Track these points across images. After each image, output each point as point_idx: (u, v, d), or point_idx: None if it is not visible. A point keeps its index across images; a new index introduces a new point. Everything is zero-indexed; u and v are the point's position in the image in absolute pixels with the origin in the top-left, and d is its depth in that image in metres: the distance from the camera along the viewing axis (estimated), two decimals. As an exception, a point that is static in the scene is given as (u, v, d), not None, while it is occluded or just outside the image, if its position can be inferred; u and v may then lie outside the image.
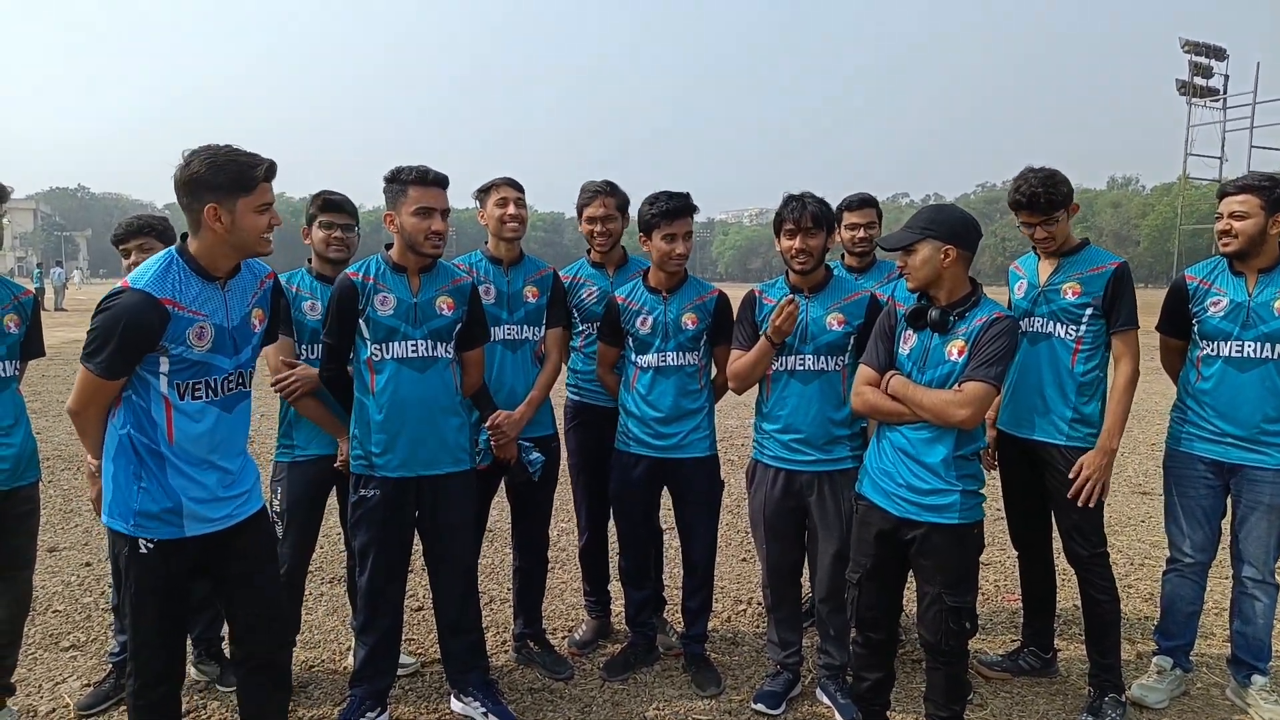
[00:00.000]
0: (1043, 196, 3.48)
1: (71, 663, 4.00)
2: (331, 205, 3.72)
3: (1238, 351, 3.51)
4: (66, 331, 18.89)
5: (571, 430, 4.24)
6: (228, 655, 3.78)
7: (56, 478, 7.27)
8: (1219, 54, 27.15)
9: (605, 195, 4.07)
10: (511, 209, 3.81)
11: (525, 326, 3.85)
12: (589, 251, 4.24)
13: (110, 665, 3.69)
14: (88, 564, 5.27)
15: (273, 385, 3.52)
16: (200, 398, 2.61)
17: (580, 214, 4.17)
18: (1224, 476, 3.60)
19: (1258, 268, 3.52)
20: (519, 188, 3.87)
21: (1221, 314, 3.55)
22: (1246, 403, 3.49)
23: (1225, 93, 27.29)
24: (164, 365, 2.53)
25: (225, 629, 3.86)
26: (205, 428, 2.63)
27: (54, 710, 3.59)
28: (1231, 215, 3.47)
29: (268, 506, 3.51)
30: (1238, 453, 3.53)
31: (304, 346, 3.67)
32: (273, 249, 2.67)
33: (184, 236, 2.60)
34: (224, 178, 2.46)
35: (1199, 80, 27.08)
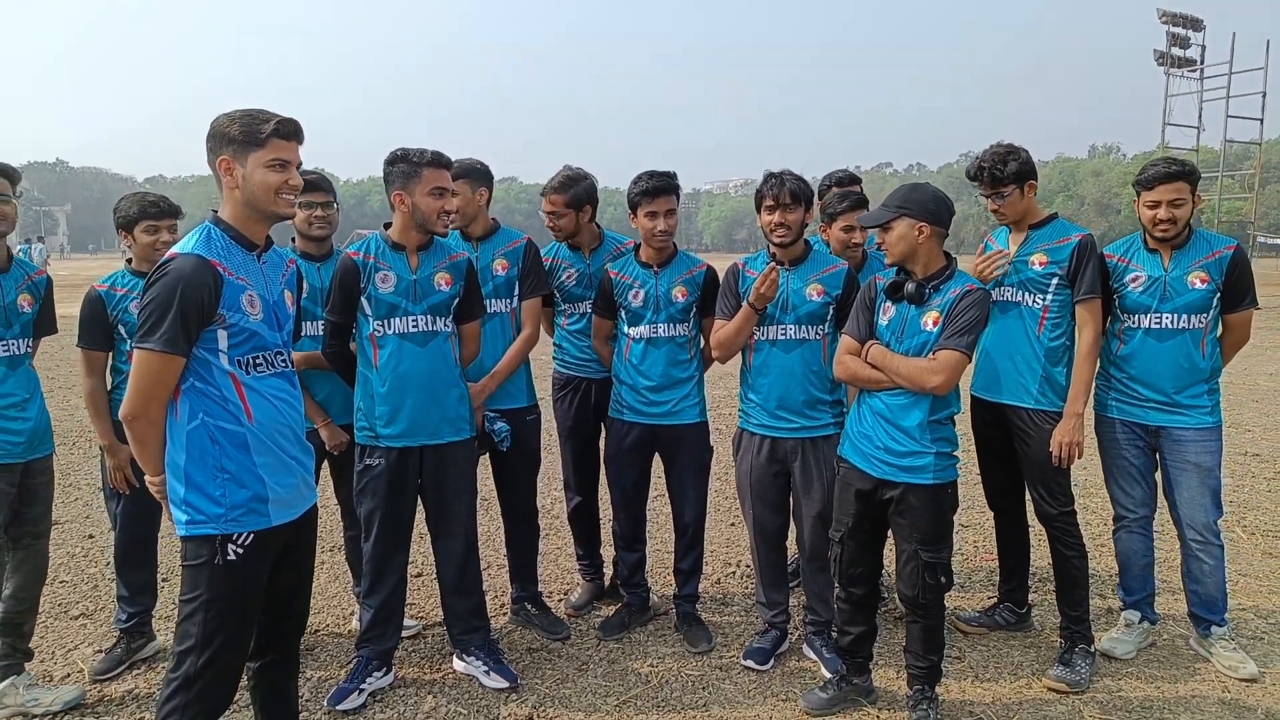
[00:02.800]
0: (988, 171, 3.69)
1: (81, 630, 4.15)
2: (309, 185, 3.68)
3: (1157, 323, 3.72)
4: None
5: (559, 400, 4.37)
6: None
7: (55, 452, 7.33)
8: (1196, 25, 27.25)
9: (553, 193, 4.15)
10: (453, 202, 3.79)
11: (494, 300, 3.92)
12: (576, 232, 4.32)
13: (119, 632, 3.82)
14: (90, 536, 5.40)
15: None
16: (263, 371, 2.53)
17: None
18: (1150, 438, 3.81)
19: (1172, 245, 3.73)
20: (455, 176, 3.74)
21: (1140, 289, 3.75)
22: (1165, 370, 3.71)
23: (1202, 63, 27.41)
24: (222, 341, 2.44)
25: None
26: (278, 404, 2.56)
27: (69, 675, 3.73)
28: (1171, 205, 3.63)
29: None
30: (1159, 415, 3.75)
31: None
32: (294, 211, 2.62)
33: (215, 210, 2.57)
34: (236, 130, 2.44)
35: (1176, 51, 27.19)
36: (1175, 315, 3.69)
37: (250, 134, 2.44)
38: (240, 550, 2.46)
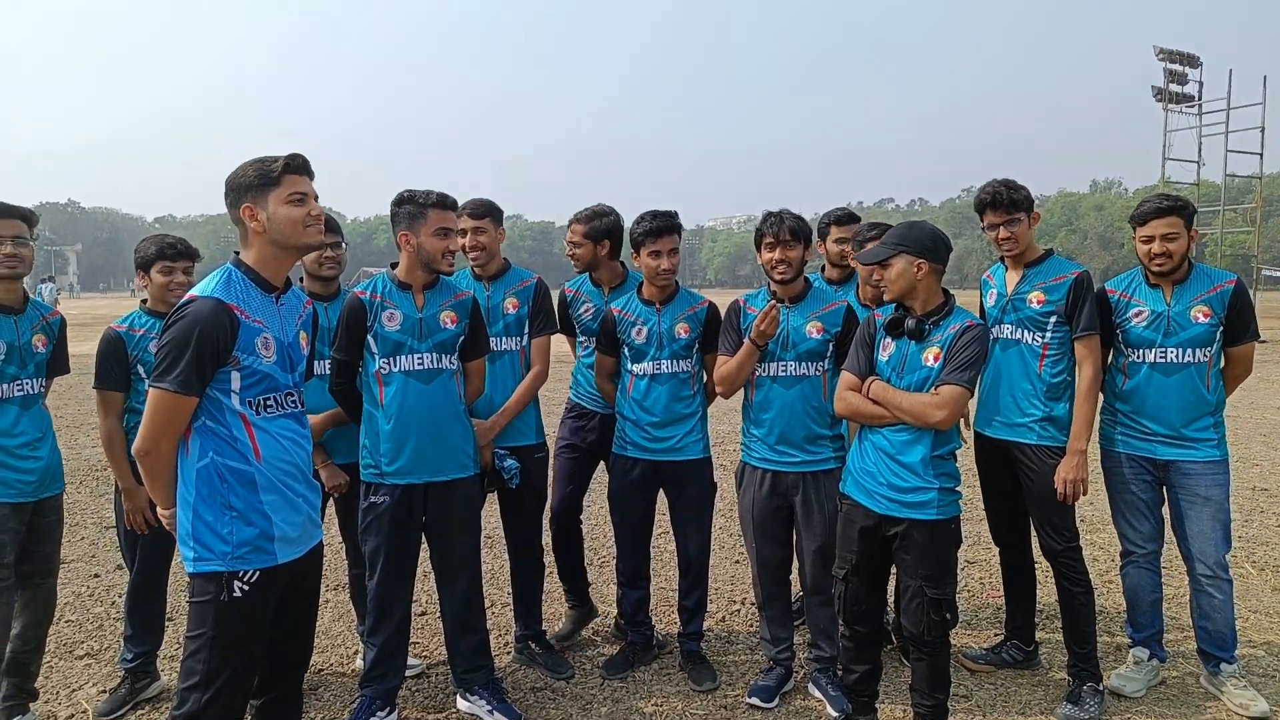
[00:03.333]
0: (1005, 196, 3.72)
1: (86, 670, 4.13)
2: None
3: (1161, 358, 3.74)
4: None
5: (566, 419, 4.42)
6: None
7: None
8: (1193, 61, 27.50)
9: (576, 223, 4.26)
10: (468, 240, 3.92)
11: (505, 338, 3.99)
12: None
13: (124, 672, 3.81)
14: (96, 575, 5.39)
15: None
16: (273, 412, 2.59)
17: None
18: (1157, 472, 3.81)
19: (1173, 280, 3.76)
20: (479, 214, 3.95)
21: (1144, 324, 3.77)
22: (1171, 404, 3.72)
23: (1200, 99, 27.60)
24: (235, 382, 2.49)
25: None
26: (285, 443, 2.60)
27: (72, 715, 3.72)
28: (1164, 238, 3.67)
29: None
30: (1167, 449, 3.75)
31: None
32: (322, 238, 2.69)
33: (236, 253, 2.64)
34: (250, 177, 2.54)
35: (1174, 87, 27.41)
36: (1180, 350, 3.71)
37: (265, 175, 2.54)
38: (246, 587, 2.48)
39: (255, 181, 2.54)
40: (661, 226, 3.89)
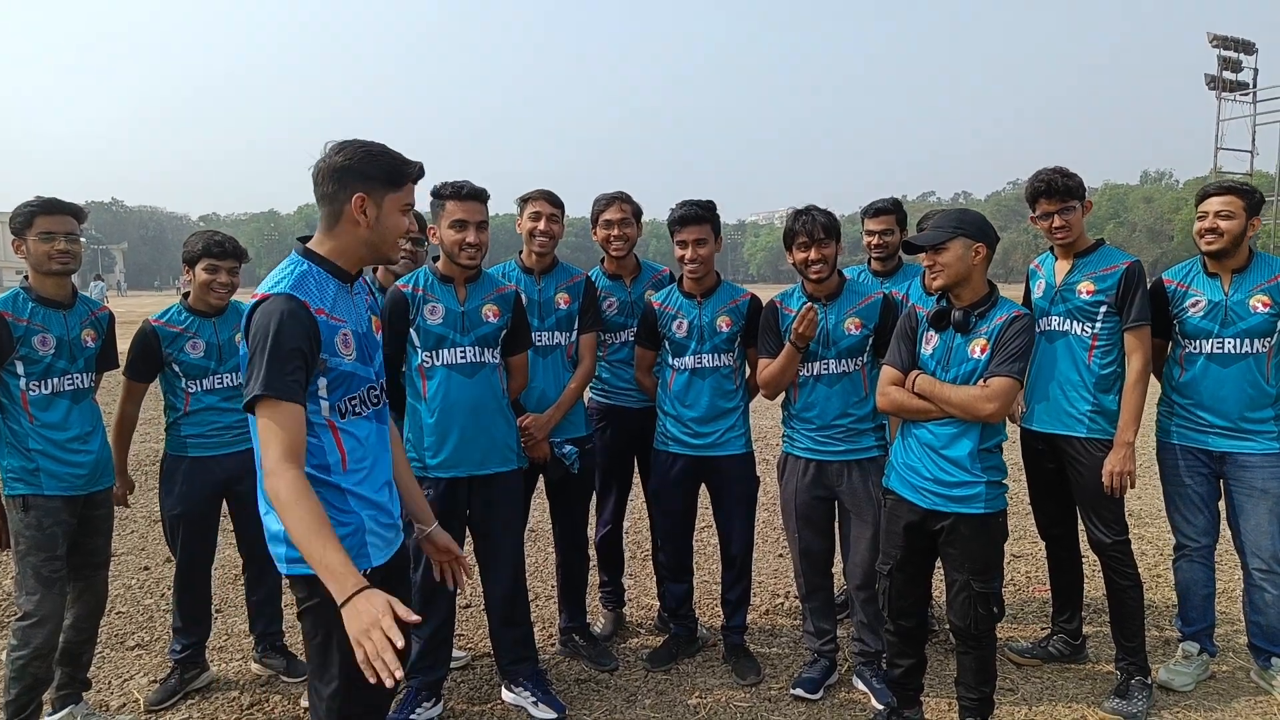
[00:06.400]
0: (1060, 182, 3.66)
1: (137, 661, 4.22)
2: None
3: (1219, 348, 3.67)
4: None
5: (598, 430, 4.38)
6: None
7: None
8: (1248, 48, 26.83)
9: (622, 201, 4.21)
10: (543, 224, 3.94)
11: (556, 332, 3.99)
12: (603, 261, 4.37)
13: (173, 663, 3.89)
14: (146, 568, 5.51)
15: None
16: (359, 413, 2.37)
17: (595, 221, 4.26)
18: (1214, 464, 3.75)
19: (1231, 268, 3.69)
20: (555, 202, 4.00)
21: (1201, 314, 3.70)
22: (1229, 395, 3.65)
23: (1255, 86, 26.92)
24: (322, 386, 2.27)
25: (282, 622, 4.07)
26: (370, 446, 2.39)
27: (124, 705, 3.80)
28: (1217, 215, 3.62)
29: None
30: (1224, 441, 3.69)
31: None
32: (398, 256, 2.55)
33: (303, 240, 2.38)
34: (377, 169, 2.29)
35: (1228, 75, 26.76)
36: (1238, 340, 3.64)
37: (392, 174, 2.32)
38: None
39: (379, 175, 2.30)
40: (687, 215, 3.87)
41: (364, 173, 2.28)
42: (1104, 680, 3.87)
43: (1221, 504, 3.82)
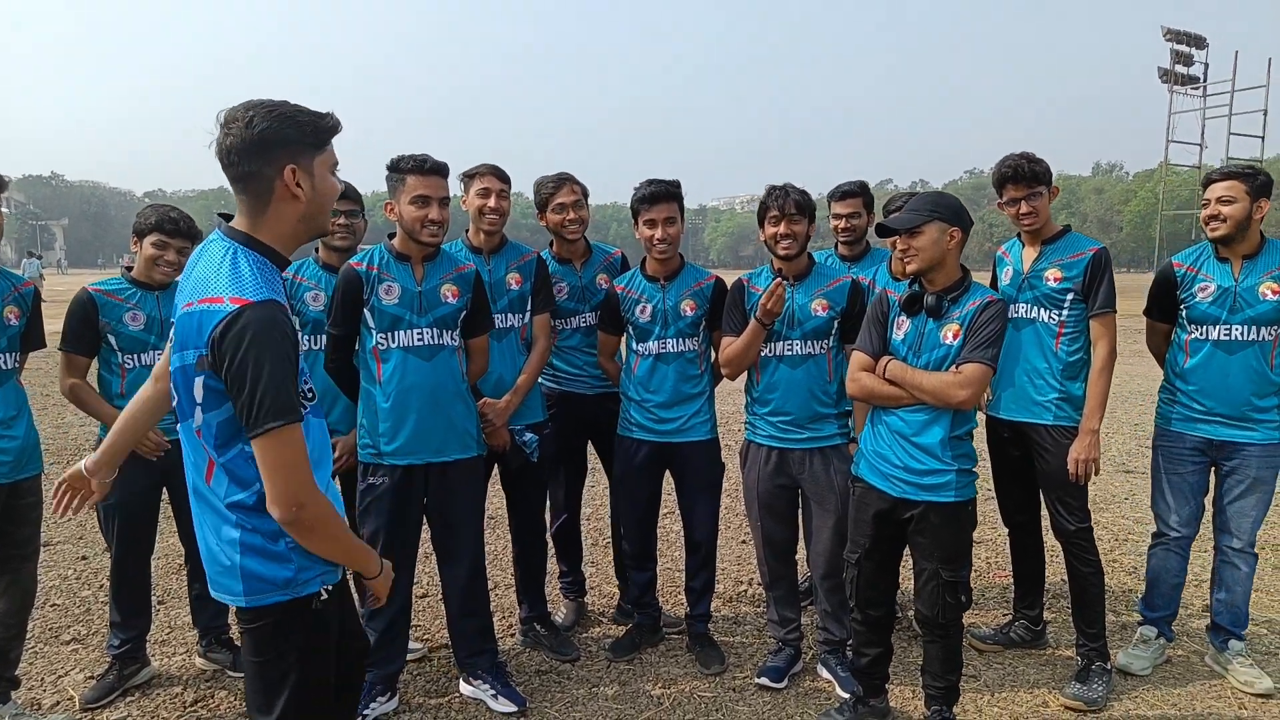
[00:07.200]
0: (1027, 168, 3.61)
1: (73, 656, 4.03)
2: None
3: (1225, 335, 3.64)
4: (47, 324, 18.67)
5: (550, 416, 4.23)
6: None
7: (46, 472, 7.23)
8: (1199, 43, 27.36)
9: (572, 182, 4.04)
10: (493, 201, 3.77)
11: (509, 314, 3.84)
12: (551, 244, 4.21)
13: (111, 658, 3.71)
14: (83, 557, 5.29)
15: None
16: (306, 409, 2.01)
17: (544, 206, 4.08)
18: (1211, 454, 3.74)
19: (1242, 254, 3.65)
20: (504, 178, 3.83)
21: (1210, 299, 3.67)
22: (1234, 383, 3.63)
23: (1205, 81, 27.47)
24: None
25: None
26: (319, 443, 2.08)
27: (58, 703, 3.62)
28: (1219, 200, 3.60)
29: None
30: (1225, 429, 3.67)
31: (307, 337, 3.70)
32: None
33: (225, 218, 2.05)
34: (299, 131, 1.94)
35: (1180, 68, 27.26)
36: (1245, 327, 3.62)
37: (315, 132, 2.01)
38: (327, 596, 2.07)
39: (307, 137, 1.96)
40: (657, 193, 3.76)
41: (287, 139, 1.94)
42: (1064, 665, 3.89)
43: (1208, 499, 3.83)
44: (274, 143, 1.92)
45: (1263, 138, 26.84)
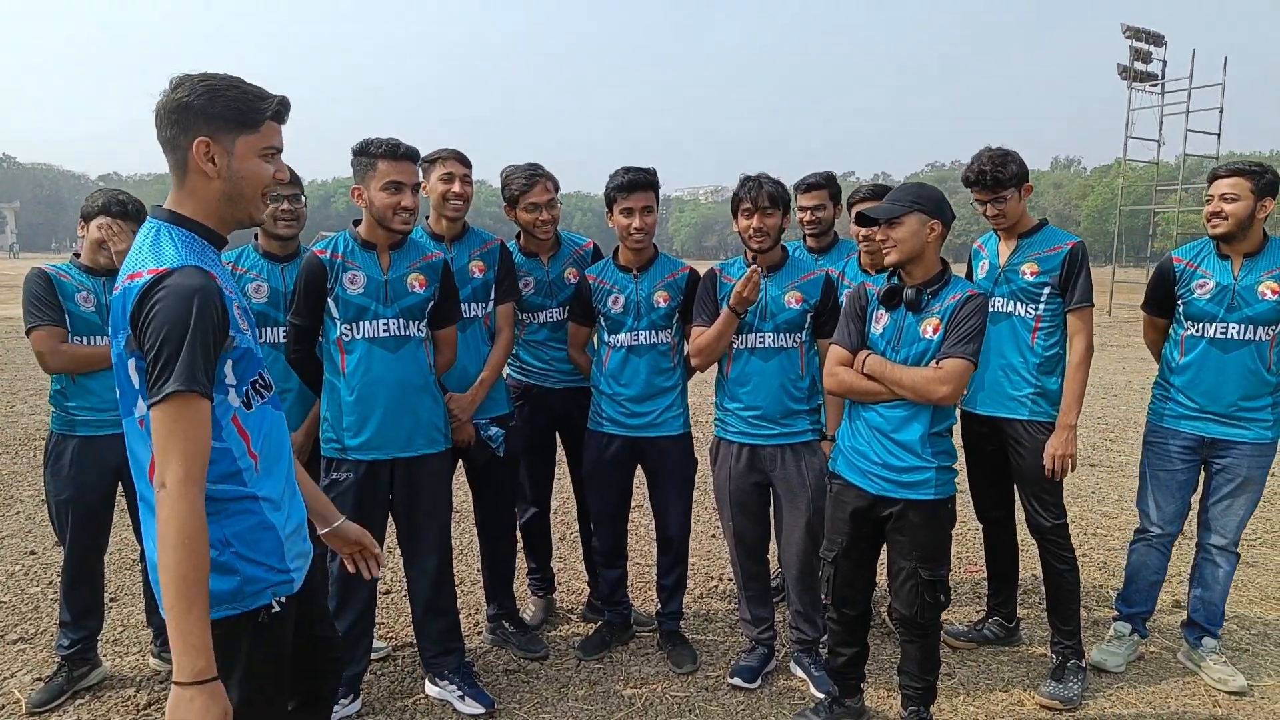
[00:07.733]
0: (990, 174, 3.57)
1: (20, 656, 3.87)
2: None
3: (1221, 333, 3.62)
4: (0, 309, 18.18)
5: (516, 409, 4.12)
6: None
7: (-4, 463, 7.01)
8: (1158, 40, 27.63)
9: (545, 178, 3.91)
10: (457, 186, 3.65)
11: (473, 304, 3.72)
12: (519, 236, 4.10)
13: (60, 659, 3.56)
14: (32, 552, 5.09)
15: None
16: (264, 399, 1.99)
17: (515, 203, 3.93)
18: (1201, 452, 3.72)
19: (1243, 251, 3.63)
20: (466, 162, 3.71)
21: (1208, 296, 3.65)
22: (1227, 382, 3.61)
23: (1163, 78, 27.79)
24: (229, 370, 1.88)
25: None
26: (277, 438, 2.01)
27: (3, 707, 3.46)
28: (1222, 197, 3.57)
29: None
30: (1217, 428, 3.66)
31: (252, 330, 3.56)
32: (264, 216, 2.14)
33: (157, 205, 1.98)
34: (221, 106, 1.86)
35: (1139, 65, 27.54)
36: (1242, 326, 3.59)
37: (243, 112, 1.91)
38: (280, 605, 1.98)
39: (225, 114, 1.87)
40: (636, 181, 3.66)
41: (206, 112, 1.86)
42: (1039, 663, 3.87)
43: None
44: (194, 113, 1.86)
45: (1218, 135, 27.18)
